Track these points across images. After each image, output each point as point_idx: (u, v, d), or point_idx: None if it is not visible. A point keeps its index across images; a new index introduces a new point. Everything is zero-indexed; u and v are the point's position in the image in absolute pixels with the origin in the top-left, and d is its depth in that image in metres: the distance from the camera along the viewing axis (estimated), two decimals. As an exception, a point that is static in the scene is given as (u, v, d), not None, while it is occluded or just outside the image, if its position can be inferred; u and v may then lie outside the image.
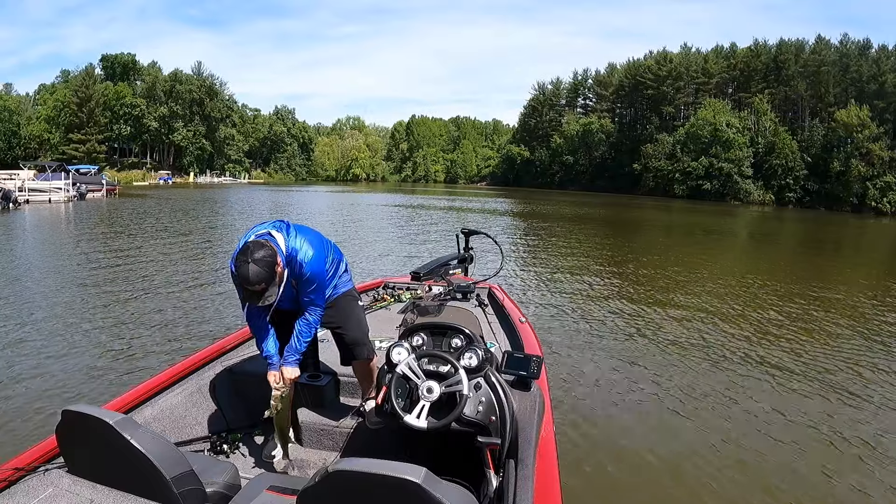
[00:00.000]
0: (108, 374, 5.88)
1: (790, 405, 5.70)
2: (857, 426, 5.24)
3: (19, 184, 32.56)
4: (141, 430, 1.99)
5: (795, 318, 9.37)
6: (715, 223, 34.64)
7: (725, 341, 7.91)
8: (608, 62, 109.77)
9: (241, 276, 2.58)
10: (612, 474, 4.32)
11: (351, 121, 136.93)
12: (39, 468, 2.13)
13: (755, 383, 6.31)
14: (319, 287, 2.93)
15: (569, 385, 6.00)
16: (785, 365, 6.92)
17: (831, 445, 4.83)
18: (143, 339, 7.12)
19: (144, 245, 15.87)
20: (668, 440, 4.89)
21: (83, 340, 7.00)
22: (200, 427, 3.18)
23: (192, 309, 8.77)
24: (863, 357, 7.37)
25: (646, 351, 7.41)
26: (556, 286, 11.64)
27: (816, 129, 67.32)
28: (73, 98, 76.98)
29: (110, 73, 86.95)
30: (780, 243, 24.75)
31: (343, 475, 1.61)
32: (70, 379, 5.70)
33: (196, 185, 71.31)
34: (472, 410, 2.56)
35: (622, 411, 5.46)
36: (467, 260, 5.92)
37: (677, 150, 72.55)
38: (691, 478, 4.31)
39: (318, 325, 3.04)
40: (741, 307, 10.16)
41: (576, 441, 4.75)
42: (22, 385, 5.47)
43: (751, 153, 68.51)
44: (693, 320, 9.00)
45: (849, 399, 5.91)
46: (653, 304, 10.18)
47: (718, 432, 5.04)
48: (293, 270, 2.82)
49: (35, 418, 4.70)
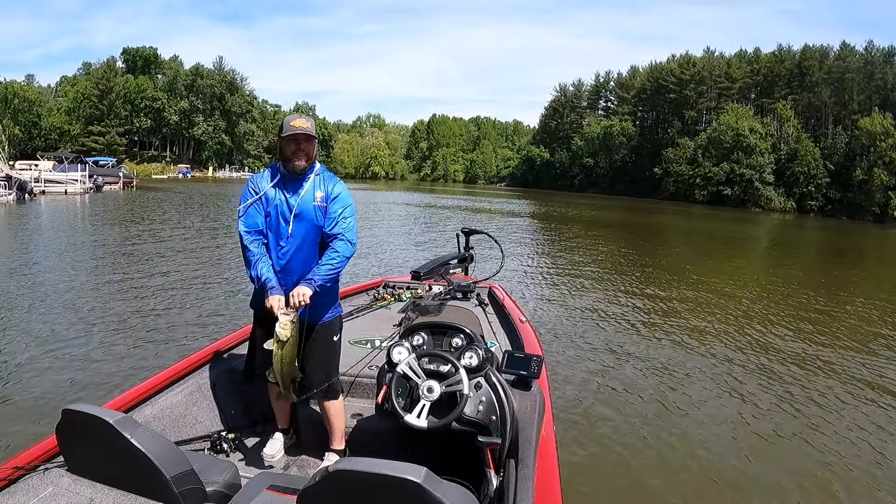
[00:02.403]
0: (108, 372, 5.85)
1: (795, 416, 5.60)
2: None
3: (36, 174, 32.82)
4: (141, 430, 1.99)
5: (812, 333, 9.15)
6: (735, 230, 34.21)
7: (737, 351, 7.76)
8: (630, 64, 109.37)
9: (294, 122, 2.85)
10: (613, 474, 4.30)
11: (371, 118, 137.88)
12: (39, 467, 2.13)
13: (759, 387, 6.24)
14: (347, 215, 2.91)
15: (569, 385, 5.97)
16: (795, 376, 6.80)
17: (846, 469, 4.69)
18: (142, 336, 7.03)
19: (152, 237, 16.12)
20: (670, 440, 4.85)
21: (82, 338, 6.93)
22: (201, 426, 3.18)
23: (192, 305, 8.77)
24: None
25: (648, 350, 7.38)
26: (567, 288, 11.56)
27: (839, 137, 66.31)
28: (94, 90, 78.24)
29: (132, 66, 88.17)
30: (801, 254, 24.39)
31: (343, 475, 1.60)
32: (67, 378, 5.67)
33: (215, 179, 71.99)
34: (473, 410, 2.55)
35: (623, 411, 5.42)
36: (467, 259, 5.91)
37: (698, 155, 72.07)
38: (692, 478, 4.28)
39: (345, 264, 2.89)
40: (756, 315, 9.97)
41: (576, 441, 4.72)
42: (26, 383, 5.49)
43: (773, 160, 67.70)
44: (704, 328, 8.86)
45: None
46: (664, 309, 10.07)
47: (720, 432, 5.00)
48: (324, 184, 2.93)
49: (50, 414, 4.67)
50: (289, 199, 2.87)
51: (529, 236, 22.82)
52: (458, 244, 6.01)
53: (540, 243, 20.73)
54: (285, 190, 2.89)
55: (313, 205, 2.86)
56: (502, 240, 9.76)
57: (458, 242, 6.03)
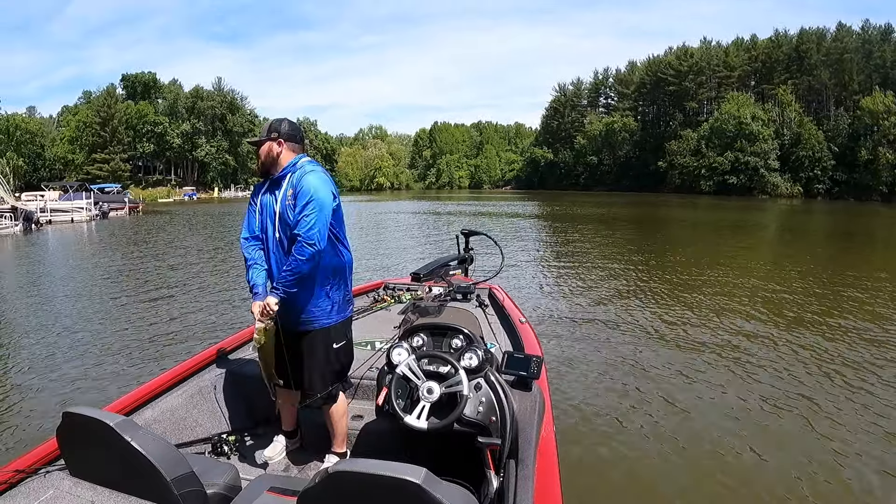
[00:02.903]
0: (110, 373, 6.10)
1: (813, 411, 5.51)
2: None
3: (41, 204, 33.12)
4: (141, 432, 1.99)
5: (831, 328, 8.85)
6: (742, 218, 33.95)
7: (744, 344, 7.62)
8: (628, 59, 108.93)
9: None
10: (613, 474, 4.27)
11: (373, 130, 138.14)
12: (40, 470, 2.14)
13: (771, 385, 6.12)
14: (309, 212, 2.73)
15: (569, 385, 5.93)
16: (810, 377, 6.62)
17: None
18: (148, 347, 7.39)
19: (155, 259, 16.47)
20: (672, 440, 4.79)
21: (90, 348, 7.27)
22: (201, 428, 3.20)
23: (197, 316, 9.03)
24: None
25: (651, 351, 7.25)
26: (569, 288, 11.50)
27: (842, 118, 66.05)
28: (96, 118, 78.91)
29: (131, 92, 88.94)
30: (810, 237, 24.15)
31: (343, 476, 1.61)
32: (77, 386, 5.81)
33: (220, 199, 72.52)
34: (473, 411, 2.54)
35: (624, 411, 5.37)
36: (467, 260, 5.90)
37: (702, 146, 71.89)
38: (693, 477, 4.22)
39: (307, 267, 2.74)
40: (766, 307, 9.80)
41: (576, 441, 4.69)
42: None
43: (776, 145, 67.48)
44: (710, 325, 8.65)
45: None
46: (667, 305, 9.94)
47: (720, 433, 4.90)
48: (293, 180, 2.85)
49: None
50: (273, 204, 2.89)
51: (533, 237, 22.69)
52: (458, 245, 6.02)
53: (543, 244, 20.57)
54: (272, 195, 2.92)
55: (286, 205, 2.84)
56: (506, 242, 9.73)
57: (457, 244, 6.04)
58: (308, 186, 2.77)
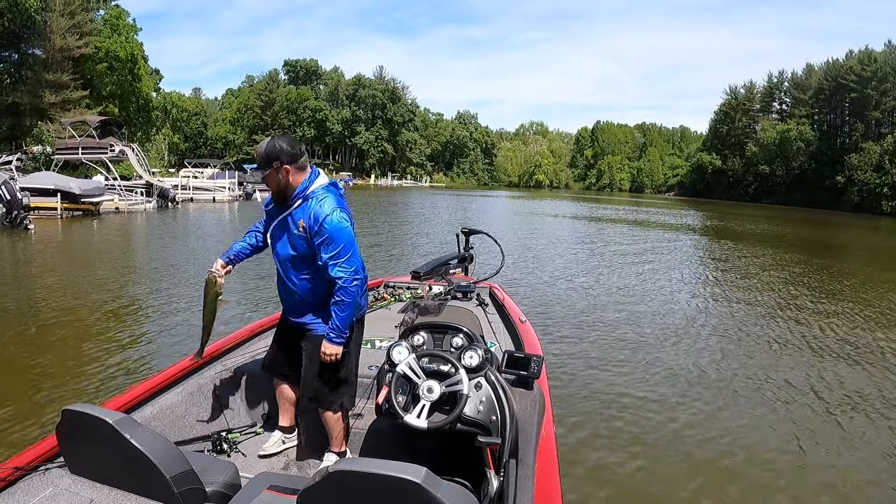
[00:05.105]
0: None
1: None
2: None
3: (184, 182, 33.36)
4: (141, 430, 2.00)
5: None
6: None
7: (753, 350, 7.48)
8: (806, 62, 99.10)
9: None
10: (614, 474, 4.28)
11: (534, 126, 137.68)
12: (39, 467, 2.14)
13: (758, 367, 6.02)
14: (341, 255, 2.72)
15: (570, 385, 5.98)
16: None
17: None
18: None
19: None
20: (673, 440, 4.83)
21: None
22: (201, 426, 3.21)
23: None
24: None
25: (651, 348, 7.30)
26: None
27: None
28: (258, 101, 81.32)
29: (293, 77, 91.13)
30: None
31: (343, 475, 1.61)
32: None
33: (376, 187, 73.59)
34: (473, 410, 2.55)
35: (624, 410, 5.41)
36: (467, 259, 5.92)
37: (885, 161, 63.76)
38: (694, 478, 4.24)
39: (358, 296, 2.81)
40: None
41: (577, 441, 4.73)
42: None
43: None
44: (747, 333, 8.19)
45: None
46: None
47: (722, 432, 4.96)
48: (309, 210, 2.73)
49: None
50: (273, 225, 2.88)
51: (697, 256, 19.11)
52: (458, 244, 5.99)
53: (705, 266, 16.68)
54: (276, 214, 2.88)
55: (295, 234, 2.77)
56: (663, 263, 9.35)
57: (457, 242, 6.01)
58: (330, 227, 2.69)
